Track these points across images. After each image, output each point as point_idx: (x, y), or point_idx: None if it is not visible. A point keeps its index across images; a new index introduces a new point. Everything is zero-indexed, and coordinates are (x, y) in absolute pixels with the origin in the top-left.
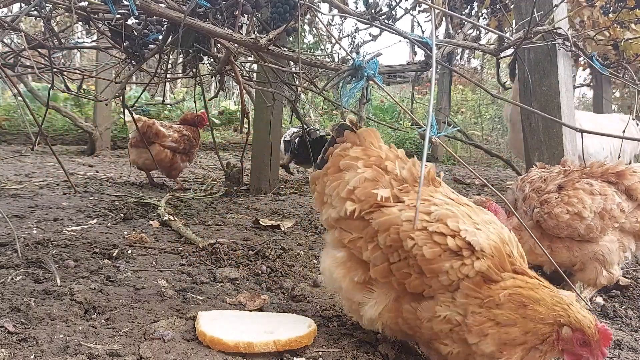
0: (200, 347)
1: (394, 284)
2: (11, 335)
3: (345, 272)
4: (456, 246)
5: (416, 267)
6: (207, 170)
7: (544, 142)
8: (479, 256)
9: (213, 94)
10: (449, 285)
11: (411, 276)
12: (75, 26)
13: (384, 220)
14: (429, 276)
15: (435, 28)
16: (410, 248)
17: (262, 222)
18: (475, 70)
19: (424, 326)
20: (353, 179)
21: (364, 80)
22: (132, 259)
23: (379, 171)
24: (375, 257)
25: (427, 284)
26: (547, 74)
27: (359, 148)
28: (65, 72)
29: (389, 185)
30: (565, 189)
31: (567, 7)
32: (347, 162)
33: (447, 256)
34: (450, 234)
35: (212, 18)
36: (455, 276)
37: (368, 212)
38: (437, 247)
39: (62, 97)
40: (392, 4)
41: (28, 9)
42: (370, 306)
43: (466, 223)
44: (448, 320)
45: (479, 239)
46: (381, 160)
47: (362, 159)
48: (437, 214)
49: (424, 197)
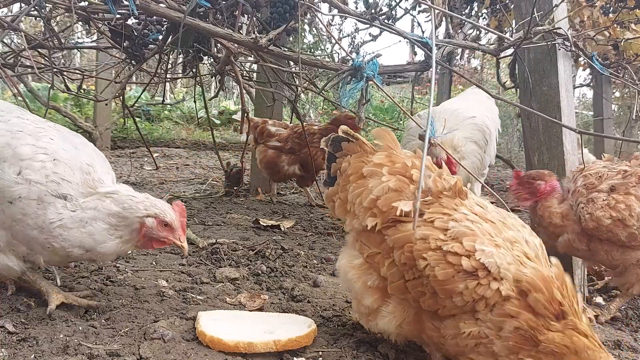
0: (201, 347)
1: (411, 301)
2: (11, 335)
3: (359, 274)
4: (471, 267)
5: (429, 287)
6: (207, 170)
7: (544, 142)
8: (496, 277)
9: (213, 94)
10: (464, 305)
11: (425, 295)
12: (75, 26)
13: (399, 238)
14: (442, 297)
15: (435, 28)
16: (423, 268)
17: (262, 222)
18: (475, 70)
19: (450, 343)
20: (376, 188)
21: (363, 81)
22: (132, 259)
23: (404, 180)
24: (391, 274)
25: (441, 304)
26: (547, 74)
27: (383, 154)
28: (65, 72)
29: (413, 196)
30: (616, 191)
31: (567, 7)
32: (371, 169)
33: (461, 277)
34: (464, 254)
35: (212, 18)
36: (470, 297)
37: (385, 227)
38: (450, 267)
39: (62, 97)
40: (392, 4)
41: (28, 9)
42: (389, 320)
43: (485, 242)
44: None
45: (495, 261)
46: (407, 168)
47: (387, 165)
48: (454, 232)
49: (445, 212)
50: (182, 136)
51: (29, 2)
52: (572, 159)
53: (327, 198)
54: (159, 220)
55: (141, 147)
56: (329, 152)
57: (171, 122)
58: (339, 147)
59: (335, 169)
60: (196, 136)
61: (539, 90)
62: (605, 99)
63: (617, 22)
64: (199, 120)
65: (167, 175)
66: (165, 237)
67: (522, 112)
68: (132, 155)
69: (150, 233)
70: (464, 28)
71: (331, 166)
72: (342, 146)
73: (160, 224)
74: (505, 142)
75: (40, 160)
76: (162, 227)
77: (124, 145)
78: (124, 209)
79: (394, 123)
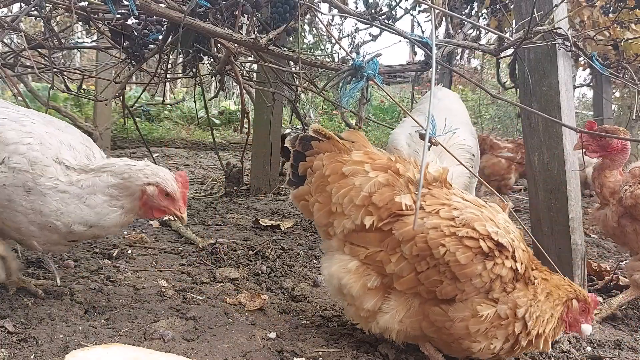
0: (201, 347)
1: (422, 293)
2: (11, 335)
3: (357, 277)
4: (488, 248)
5: (448, 273)
6: (207, 170)
7: (544, 142)
8: (508, 255)
9: (213, 94)
10: (482, 287)
11: (442, 283)
12: (75, 26)
13: (408, 230)
14: (462, 281)
15: (435, 28)
16: (442, 255)
17: (262, 222)
18: (475, 70)
19: (457, 326)
20: (367, 184)
21: (363, 81)
22: (132, 259)
23: (393, 175)
24: (400, 269)
25: (460, 289)
26: (547, 74)
27: (361, 152)
28: (65, 72)
29: (407, 189)
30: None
31: (567, 7)
32: (352, 168)
33: (479, 259)
34: (480, 237)
35: (212, 18)
36: (488, 277)
37: (387, 222)
38: (469, 251)
39: (62, 97)
40: (392, 4)
41: (28, 9)
42: (391, 316)
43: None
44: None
45: (508, 239)
46: (391, 163)
47: (368, 162)
48: (463, 219)
49: (442, 202)
50: (182, 136)
51: (29, 2)
52: (572, 159)
53: (296, 197)
54: (160, 189)
55: (141, 147)
56: (297, 151)
57: (171, 122)
58: (309, 146)
59: (304, 168)
60: (196, 136)
61: (539, 90)
62: (605, 99)
63: (617, 22)
64: (199, 120)
65: None
66: (166, 206)
67: (522, 112)
68: (132, 155)
69: (151, 201)
70: (464, 28)
71: (299, 165)
72: (312, 145)
73: (161, 193)
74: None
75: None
76: (163, 196)
77: (124, 145)
78: (124, 179)
79: (394, 123)
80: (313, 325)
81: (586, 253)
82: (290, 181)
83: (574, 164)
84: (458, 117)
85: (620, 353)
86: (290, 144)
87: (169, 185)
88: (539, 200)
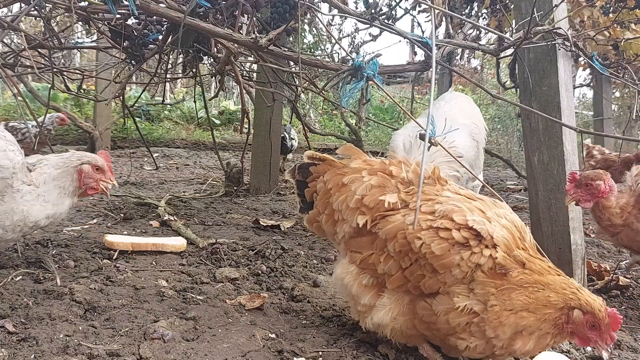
0: (201, 347)
1: (411, 289)
2: (11, 335)
3: (355, 277)
4: (462, 237)
5: (428, 267)
6: (207, 170)
7: (544, 142)
8: (487, 244)
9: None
10: (463, 277)
11: (425, 277)
12: (75, 26)
13: (390, 228)
14: (442, 272)
15: (435, 28)
16: (419, 248)
17: (262, 222)
18: (475, 70)
19: (441, 320)
20: (360, 188)
21: (363, 81)
22: (132, 259)
23: (385, 177)
24: (388, 267)
25: (442, 281)
26: (547, 74)
27: (359, 160)
28: (65, 72)
29: (396, 189)
30: None
31: (567, 7)
32: (351, 176)
33: (456, 249)
34: (455, 227)
35: (212, 18)
36: (467, 267)
37: (374, 224)
38: (444, 242)
39: (62, 97)
40: (392, 4)
41: (28, 9)
42: (384, 313)
43: (474, 215)
44: (466, 312)
45: (487, 228)
46: (385, 166)
47: (365, 168)
48: (441, 211)
49: (428, 198)
50: (182, 136)
51: (29, 2)
52: (572, 159)
53: (308, 222)
54: (92, 165)
55: (141, 147)
56: (299, 180)
57: (171, 122)
58: (308, 172)
59: (310, 194)
60: (196, 136)
61: (539, 90)
62: (605, 99)
63: (617, 22)
64: (199, 120)
65: (167, 175)
66: (99, 179)
67: (522, 112)
68: (132, 155)
69: (87, 178)
70: (464, 28)
71: (304, 193)
72: (310, 170)
73: (93, 168)
74: (505, 142)
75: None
76: (95, 170)
77: (124, 145)
78: (62, 167)
79: (394, 123)
80: (313, 325)
81: (586, 253)
82: (302, 209)
83: (574, 164)
84: (458, 120)
85: (620, 353)
86: (291, 176)
87: (99, 160)
88: (539, 200)
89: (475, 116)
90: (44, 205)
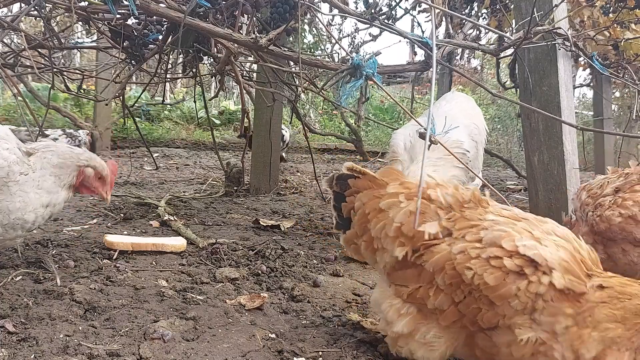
0: (201, 347)
1: (467, 324)
2: (11, 335)
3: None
4: (515, 266)
5: (484, 299)
6: (207, 170)
7: (544, 142)
8: (545, 271)
9: (213, 94)
10: (524, 308)
11: (481, 310)
12: (75, 26)
13: (437, 259)
14: (499, 304)
15: (435, 28)
16: (471, 279)
17: (262, 222)
18: (475, 70)
19: (503, 352)
20: (398, 215)
21: (362, 79)
22: (132, 259)
23: (423, 202)
24: (439, 302)
25: (501, 314)
26: (547, 74)
27: (396, 183)
28: (65, 72)
29: (436, 215)
30: (621, 191)
31: (567, 7)
32: (389, 201)
33: (511, 279)
34: (506, 255)
35: (212, 18)
36: (526, 297)
37: (418, 256)
38: (497, 271)
39: (62, 97)
40: (392, 4)
41: (28, 9)
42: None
43: (524, 239)
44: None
45: (540, 252)
46: (423, 190)
47: (403, 192)
48: (489, 238)
49: (472, 224)
50: (182, 136)
51: (29, 2)
52: (572, 159)
53: (346, 243)
54: (97, 172)
55: (141, 147)
56: (336, 192)
57: (171, 122)
58: (346, 185)
59: (347, 209)
60: (196, 136)
61: (539, 90)
62: (605, 99)
63: (617, 22)
64: (199, 120)
65: (167, 175)
66: (97, 187)
67: (522, 112)
68: (132, 155)
69: (86, 181)
70: (464, 28)
71: (341, 206)
72: (349, 183)
73: (97, 175)
74: (505, 142)
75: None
76: (97, 179)
77: (124, 145)
78: (66, 159)
79: (394, 123)
80: (313, 325)
81: None
82: (338, 224)
83: (574, 164)
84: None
85: None
86: (328, 185)
87: (105, 170)
88: (539, 200)
89: (476, 117)
90: (38, 192)
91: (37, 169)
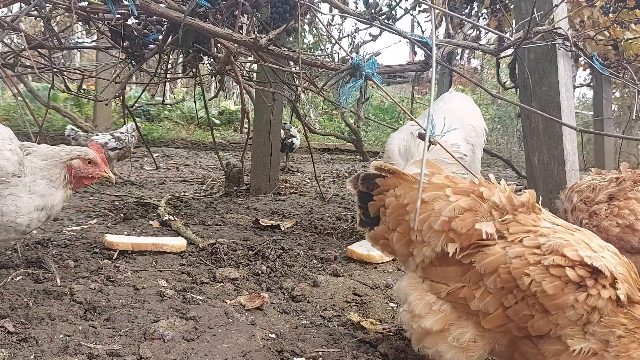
0: (201, 347)
1: (513, 329)
2: (11, 335)
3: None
4: (577, 276)
5: (538, 306)
6: (207, 170)
7: (544, 142)
8: (605, 284)
9: (213, 94)
10: (577, 320)
11: (534, 317)
12: (75, 26)
13: (490, 261)
14: (554, 313)
15: (435, 28)
16: (528, 285)
17: (262, 222)
18: (475, 70)
19: None
20: (446, 209)
21: (362, 79)
22: (132, 259)
23: (475, 199)
24: (485, 305)
25: (554, 323)
26: (547, 74)
27: (442, 175)
28: (65, 72)
29: (489, 215)
30: (615, 199)
31: (567, 7)
32: (432, 193)
33: (570, 289)
34: (569, 264)
35: (212, 18)
36: (582, 310)
37: (467, 254)
38: (557, 280)
39: (62, 97)
40: (392, 4)
41: (28, 9)
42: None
43: (584, 250)
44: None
45: (606, 264)
46: (474, 187)
47: (449, 185)
48: (550, 245)
49: (528, 229)
50: (182, 136)
51: (29, 2)
52: (572, 159)
53: (373, 239)
54: (82, 159)
55: (141, 147)
56: (362, 192)
57: (171, 122)
58: (374, 184)
59: (375, 208)
60: (196, 136)
61: (539, 90)
62: (605, 99)
63: (617, 22)
64: (199, 120)
65: (167, 175)
66: (92, 172)
67: (522, 112)
68: (132, 155)
69: (79, 172)
70: (464, 28)
71: (368, 206)
72: (377, 183)
73: (84, 162)
74: (505, 142)
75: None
76: (87, 164)
77: None
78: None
79: (394, 123)
80: (313, 325)
81: None
82: (362, 222)
83: (574, 164)
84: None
85: None
86: (353, 185)
87: (90, 153)
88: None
89: (474, 117)
90: (31, 197)
91: (28, 174)
